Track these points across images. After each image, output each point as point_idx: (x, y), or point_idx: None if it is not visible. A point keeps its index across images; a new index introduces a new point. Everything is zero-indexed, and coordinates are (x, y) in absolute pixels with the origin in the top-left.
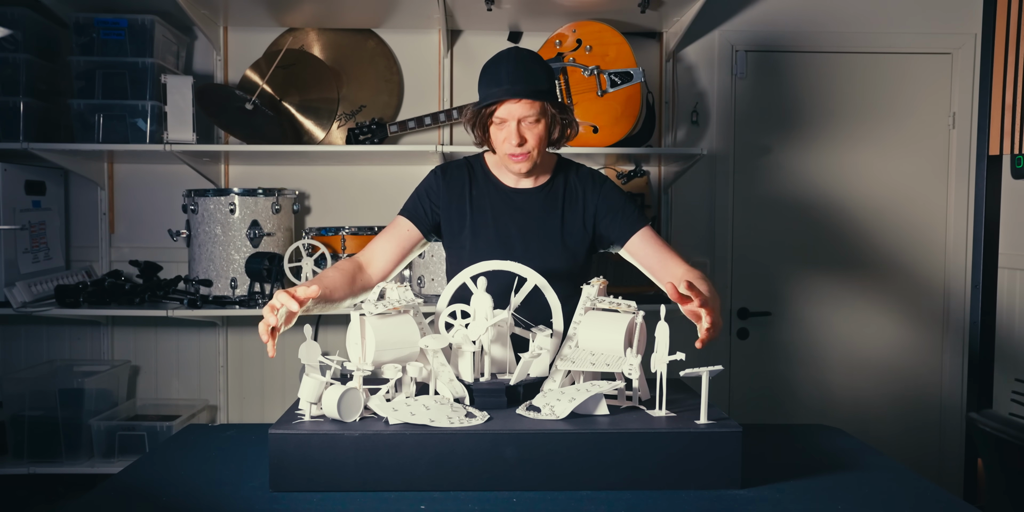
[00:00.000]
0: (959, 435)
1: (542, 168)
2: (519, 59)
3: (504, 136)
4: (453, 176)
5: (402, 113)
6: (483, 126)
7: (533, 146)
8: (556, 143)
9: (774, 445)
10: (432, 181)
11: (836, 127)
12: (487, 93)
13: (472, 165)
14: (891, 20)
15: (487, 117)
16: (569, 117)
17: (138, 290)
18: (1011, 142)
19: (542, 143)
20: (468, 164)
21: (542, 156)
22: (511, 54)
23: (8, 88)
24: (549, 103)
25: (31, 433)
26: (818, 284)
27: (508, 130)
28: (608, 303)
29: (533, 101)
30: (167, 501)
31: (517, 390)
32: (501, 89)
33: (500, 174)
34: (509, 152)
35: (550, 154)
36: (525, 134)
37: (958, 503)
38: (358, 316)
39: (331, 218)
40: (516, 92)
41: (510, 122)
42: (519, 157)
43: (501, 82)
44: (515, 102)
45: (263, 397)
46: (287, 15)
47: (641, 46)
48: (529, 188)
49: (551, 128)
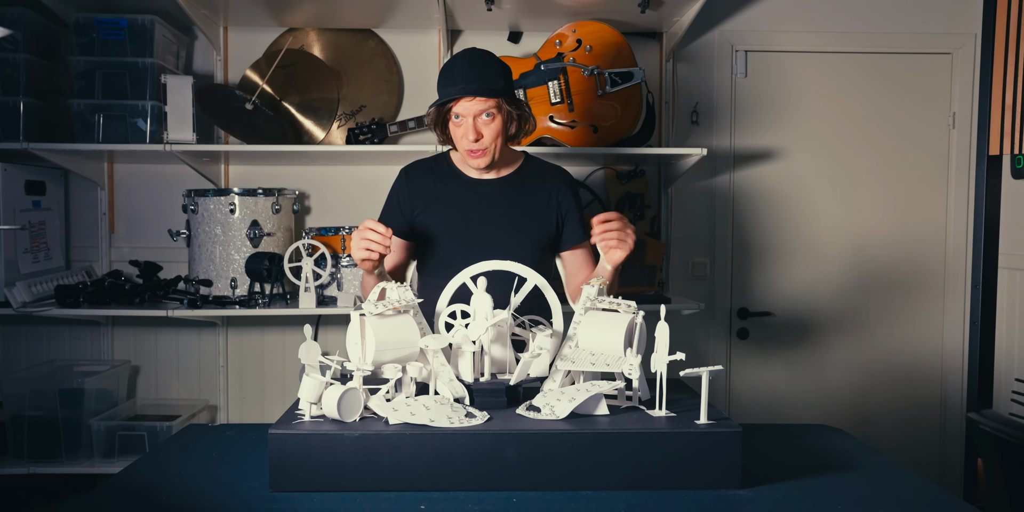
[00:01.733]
0: (959, 435)
1: (504, 162)
2: (473, 58)
3: (462, 133)
4: (417, 173)
5: (402, 113)
6: (443, 124)
7: (490, 142)
8: (514, 138)
9: (774, 445)
10: (399, 184)
11: (836, 127)
12: (444, 92)
13: (437, 161)
14: (891, 20)
15: (445, 115)
16: (525, 112)
17: (138, 290)
18: (1011, 142)
19: (499, 138)
20: (432, 160)
21: (500, 151)
22: (465, 54)
23: (8, 88)
24: (504, 99)
25: (31, 433)
26: (818, 284)
27: (465, 126)
28: (608, 303)
29: (487, 98)
30: (167, 501)
31: (517, 390)
32: (456, 88)
33: (464, 168)
34: (467, 148)
35: (514, 151)
36: (481, 130)
37: (958, 503)
38: (358, 316)
39: (331, 218)
40: (470, 90)
41: (467, 118)
42: (477, 153)
43: (456, 81)
44: (470, 100)
45: (263, 397)
46: (287, 15)
47: (641, 46)
48: (493, 179)
49: (507, 123)
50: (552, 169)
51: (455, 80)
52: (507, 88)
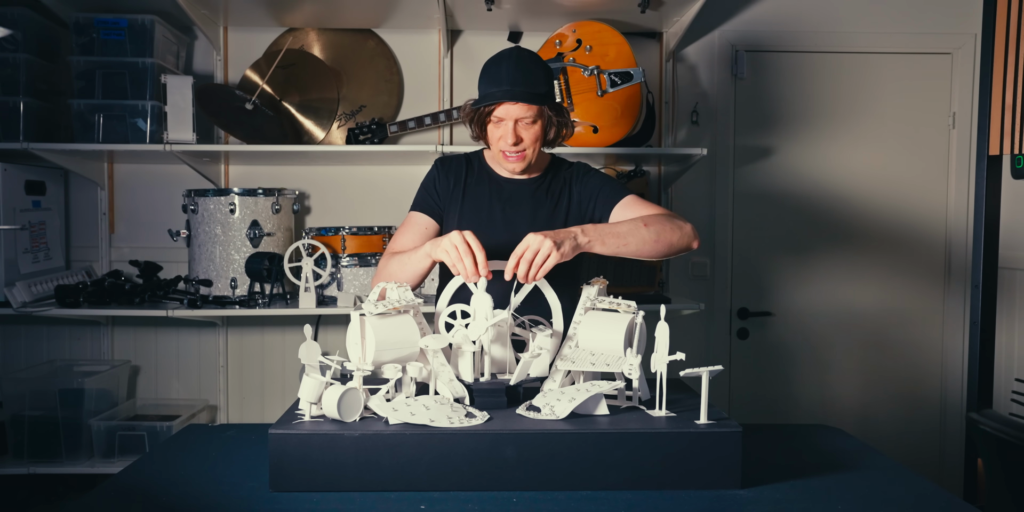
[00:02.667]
0: (959, 435)
1: (536, 165)
2: (520, 60)
3: (500, 134)
4: (451, 167)
5: (402, 113)
6: (481, 123)
7: (528, 145)
8: (551, 143)
9: (774, 445)
10: (434, 173)
11: (836, 127)
12: (487, 93)
13: (470, 159)
14: (891, 20)
15: (485, 115)
16: (565, 119)
17: (138, 290)
18: (1011, 142)
19: (537, 143)
20: (467, 158)
21: (536, 155)
22: (512, 54)
23: (8, 88)
24: (547, 106)
25: (31, 433)
26: (818, 284)
27: (505, 129)
28: (608, 303)
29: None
30: (167, 501)
31: (517, 390)
32: (501, 90)
33: (495, 166)
34: (503, 149)
35: (545, 153)
36: (521, 134)
37: (958, 503)
38: (358, 316)
39: (331, 218)
40: (515, 95)
41: (507, 121)
42: (513, 157)
43: (501, 83)
44: (513, 104)
45: (263, 397)
46: (287, 15)
47: (641, 46)
48: (523, 179)
49: (547, 129)
50: (573, 168)
51: (500, 81)
52: (550, 93)
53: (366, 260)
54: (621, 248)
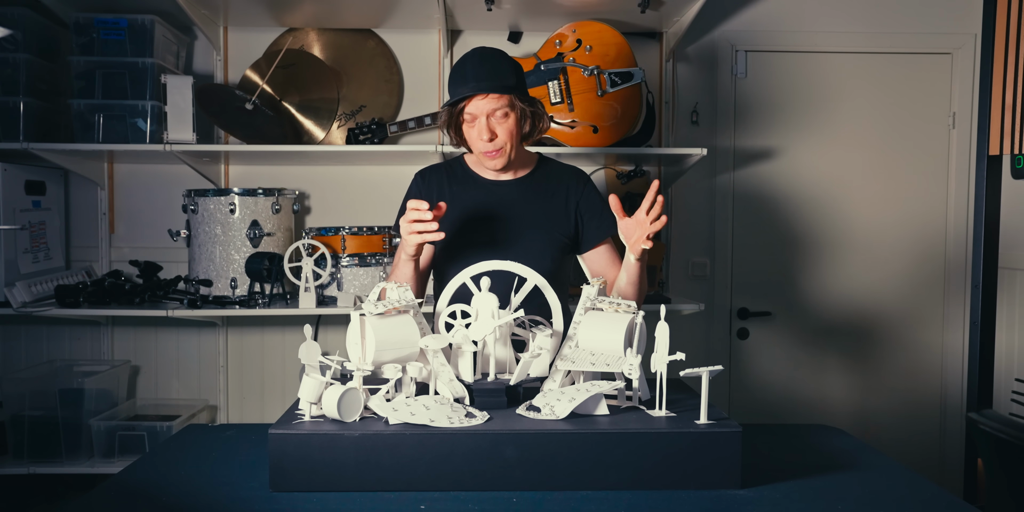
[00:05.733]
0: (959, 435)
1: (520, 163)
2: (483, 57)
3: (476, 133)
4: (432, 177)
5: (402, 113)
6: (456, 126)
7: (505, 141)
8: (528, 136)
9: (774, 445)
10: (414, 187)
11: (836, 127)
12: (455, 92)
13: (451, 165)
14: (891, 20)
15: (458, 116)
16: (539, 110)
17: (138, 290)
18: (1011, 142)
19: (514, 137)
20: (447, 165)
21: (516, 151)
22: (475, 53)
23: (8, 88)
24: (516, 96)
25: (31, 433)
26: (818, 284)
27: (479, 126)
28: (608, 303)
29: (500, 95)
30: (167, 501)
31: (517, 390)
32: (467, 87)
33: (479, 170)
34: (483, 149)
35: (529, 151)
36: (495, 129)
37: (958, 503)
38: (358, 316)
39: (331, 218)
40: (481, 88)
41: (480, 118)
42: (492, 153)
43: (467, 80)
44: (482, 98)
45: (263, 397)
46: (287, 15)
47: (641, 46)
48: (509, 180)
49: (521, 122)
50: (568, 170)
51: (466, 79)
52: (519, 85)
53: (366, 260)
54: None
